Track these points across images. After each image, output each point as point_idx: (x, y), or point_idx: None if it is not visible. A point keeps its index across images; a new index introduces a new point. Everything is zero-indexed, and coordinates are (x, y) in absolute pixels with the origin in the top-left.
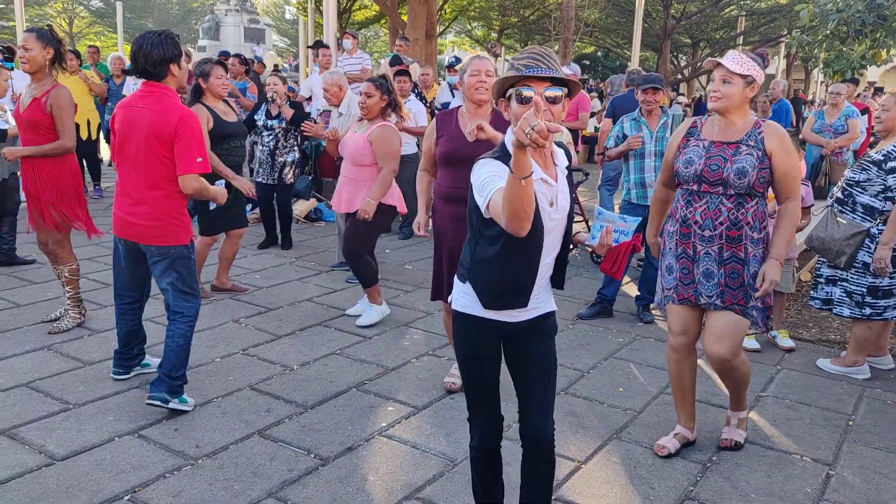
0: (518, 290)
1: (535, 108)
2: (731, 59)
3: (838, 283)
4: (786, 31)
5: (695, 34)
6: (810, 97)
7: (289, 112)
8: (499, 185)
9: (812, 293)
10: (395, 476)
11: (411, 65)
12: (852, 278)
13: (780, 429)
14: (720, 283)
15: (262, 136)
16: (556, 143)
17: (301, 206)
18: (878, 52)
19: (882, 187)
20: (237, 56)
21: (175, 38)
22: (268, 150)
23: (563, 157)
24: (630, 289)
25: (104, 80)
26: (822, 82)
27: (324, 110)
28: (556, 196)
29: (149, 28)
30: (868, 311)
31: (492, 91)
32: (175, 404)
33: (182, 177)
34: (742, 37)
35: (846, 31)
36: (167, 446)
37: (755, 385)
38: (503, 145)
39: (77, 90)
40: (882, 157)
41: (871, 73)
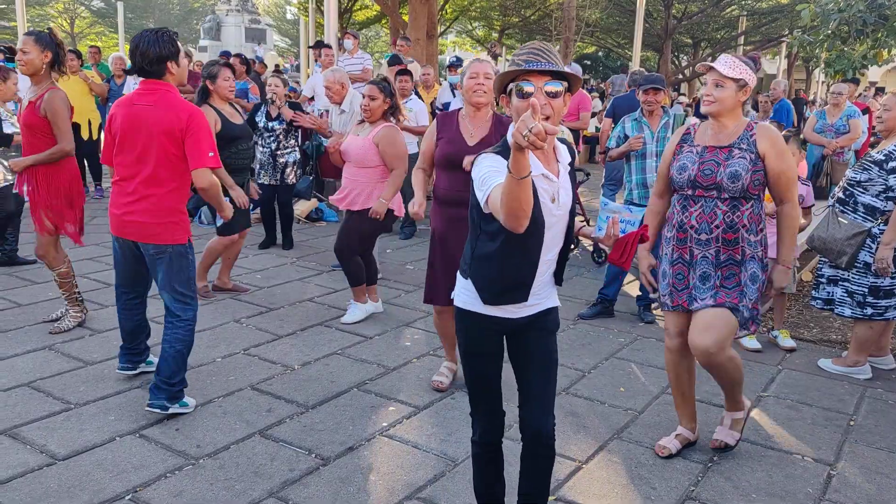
0: (518, 287)
1: (532, 110)
2: (724, 63)
3: (840, 283)
4: (787, 31)
5: (696, 34)
6: (811, 97)
7: (289, 113)
8: (498, 180)
9: (813, 293)
10: (396, 476)
11: (410, 64)
12: (854, 278)
13: (781, 429)
14: (716, 285)
15: (262, 138)
16: (559, 139)
17: (302, 206)
18: (879, 51)
19: (883, 187)
20: (238, 56)
21: (172, 36)
22: (269, 151)
23: (565, 153)
24: (631, 289)
25: (105, 81)
26: (823, 82)
27: (325, 110)
28: (557, 192)
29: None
30: (869, 311)
31: (492, 89)
32: (175, 409)
33: (195, 171)
34: (743, 37)
35: (847, 30)
36: (168, 446)
37: (756, 385)
38: (505, 140)
39: (78, 90)
40: (883, 157)
41: (872, 73)
